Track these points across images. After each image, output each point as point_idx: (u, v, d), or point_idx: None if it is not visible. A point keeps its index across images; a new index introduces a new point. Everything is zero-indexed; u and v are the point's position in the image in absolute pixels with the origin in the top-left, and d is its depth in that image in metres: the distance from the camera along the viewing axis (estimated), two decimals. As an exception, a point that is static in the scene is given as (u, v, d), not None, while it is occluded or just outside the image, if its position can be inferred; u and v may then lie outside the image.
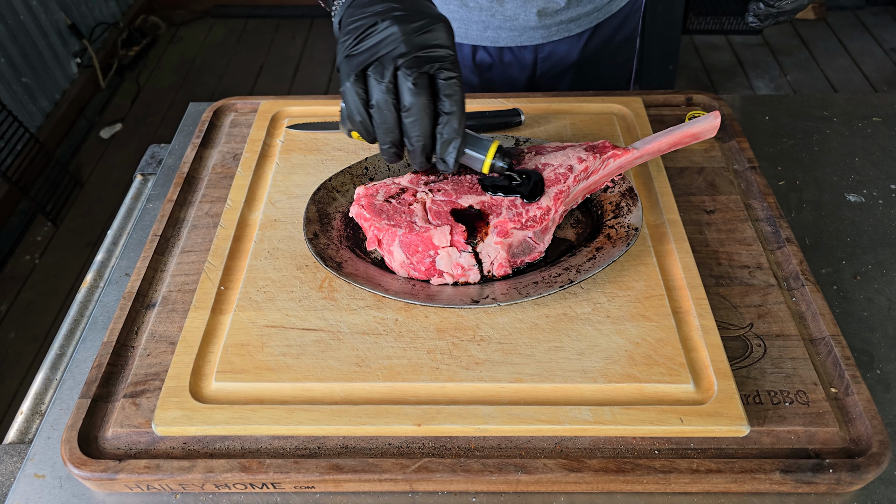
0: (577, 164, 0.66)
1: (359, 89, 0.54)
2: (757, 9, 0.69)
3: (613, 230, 0.67)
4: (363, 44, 0.54)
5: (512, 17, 0.93)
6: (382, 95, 0.53)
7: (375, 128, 0.56)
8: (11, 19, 2.34)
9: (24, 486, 0.56)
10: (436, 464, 0.54)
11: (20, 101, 2.38)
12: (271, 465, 0.54)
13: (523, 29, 0.95)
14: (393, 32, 0.53)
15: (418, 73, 0.53)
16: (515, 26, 0.94)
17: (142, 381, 0.60)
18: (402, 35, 0.53)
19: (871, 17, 3.03)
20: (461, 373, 0.58)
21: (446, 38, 0.55)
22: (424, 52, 0.53)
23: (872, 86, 2.65)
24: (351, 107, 0.55)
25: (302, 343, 0.60)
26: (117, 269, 0.74)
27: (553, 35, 0.96)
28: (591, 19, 0.97)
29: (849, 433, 0.56)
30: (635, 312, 0.62)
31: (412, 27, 0.53)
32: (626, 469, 0.53)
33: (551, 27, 0.95)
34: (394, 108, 0.54)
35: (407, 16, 0.54)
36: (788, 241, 0.70)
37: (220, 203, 0.76)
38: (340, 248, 0.68)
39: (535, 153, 0.69)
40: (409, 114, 0.54)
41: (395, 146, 0.57)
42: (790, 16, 0.68)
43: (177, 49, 3.09)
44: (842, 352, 0.60)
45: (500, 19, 0.93)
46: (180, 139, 0.89)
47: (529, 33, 0.95)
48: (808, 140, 0.88)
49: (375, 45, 0.54)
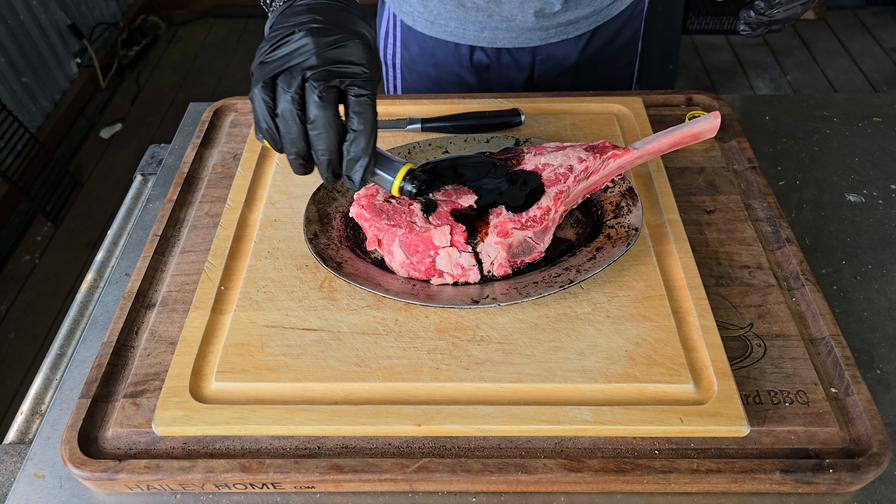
0: (577, 164, 0.66)
1: (266, 96, 0.53)
2: (748, 17, 0.68)
3: (613, 230, 0.67)
4: (277, 52, 0.54)
5: (509, 18, 0.93)
6: (287, 105, 0.53)
7: (281, 137, 0.55)
8: (11, 19, 2.34)
9: (24, 486, 0.56)
10: (436, 464, 0.54)
11: (20, 101, 2.38)
12: (271, 465, 0.54)
13: (521, 30, 0.94)
14: (306, 44, 0.53)
15: (325, 87, 0.52)
16: (513, 27, 0.94)
17: (142, 381, 0.60)
18: (314, 47, 0.53)
19: (871, 17, 3.03)
20: (461, 373, 0.58)
21: (362, 54, 0.54)
22: (335, 66, 0.53)
23: (872, 86, 2.66)
24: (258, 113, 0.54)
25: (302, 343, 0.61)
26: (117, 269, 0.74)
27: (551, 37, 0.96)
28: (590, 22, 0.96)
29: (849, 433, 0.56)
30: (635, 312, 0.62)
31: (326, 40, 0.53)
32: (626, 469, 0.53)
33: (549, 29, 0.95)
34: (299, 119, 0.53)
35: (323, 29, 0.54)
36: (788, 241, 0.70)
37: (220, 203, 0.76)
38: (340, 248, 0.68)
39: (534, 153, 0.69)
40: (314, 126, 0.53)
41: (301, 158, 0.56)
42: (783, 25, 0.67)
43: (177, 49, 3.09)
44: (842, 352, 0.60)
45: (498, 20, 0.93)
46: (180, 139, 0.89)
47: (527, 35, 0.95)
48: (808, 140, 0.88)
49: (288, 54, 0.53)
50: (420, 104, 0.87)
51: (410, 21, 0.99)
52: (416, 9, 0.97)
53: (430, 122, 0.83)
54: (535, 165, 0.67)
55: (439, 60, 1.01)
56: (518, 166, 0.68)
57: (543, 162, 0.67)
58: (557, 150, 0.68)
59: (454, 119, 0.83)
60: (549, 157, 0.67)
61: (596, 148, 0.68)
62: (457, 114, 0.83)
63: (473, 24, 0.95)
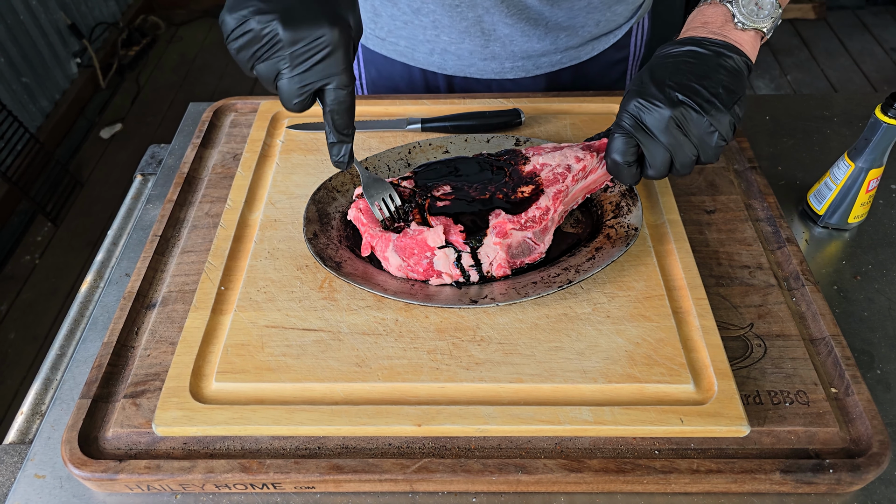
0: (574, 163, 0.66)
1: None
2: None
3: (613, 230, 0.67)
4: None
5: (457, 41, 0.87)
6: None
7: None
8: (11, 19, 2.34)
9: (25, 486, 0.56)
10: (436, 464, 0.54)
11: (20, 101, 2.38)
12: (271, 465, 0.54)
13: (470, 58, 0.89)
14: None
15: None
16: (461, 54, 0.88)
17: (142, 381, 0.60)
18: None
19: (871, 17, 3.03)
20: (461, 373, 0.58)
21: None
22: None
23: (872, 86, 2.66)
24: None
25: (302, 343, 0.61)
26: (117, 270, 0.74)
27: (507, 72, 0.91)
28: (553, 62, 0.91)
29: (849, 433, 0.56)
30: (635, 312, 0.62)
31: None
32: (626, 469, 0.53)
33: (504, 62, 0.89)
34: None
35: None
36: (788, 240, 0.70)
37: (220, 203, 0.76)
38: (340, 248, 0.68)
39: (533, 153, 0.69)
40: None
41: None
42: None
43: (177, 49, 3.09)
44: (842, 352, 0.60)
45: (446, 42, 0.87)
46: (180, 139, 0.89)
47: (479, 65, 0.90)
48: (808, 140, 0.88)
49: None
50: (420, 104, 0.87)
51: (363, 38, 0.94)
52: (368, 25, 0.92)
53: (430, 122, 0.83)
54: (534, 166, 0.67)
55: (396, 83, 0.96)
56: (516, 167, 0.68)
57: (542, 162, 0.67)
58: (555, 150, 0.68)
59: (454, 119, 0.83)
60: (547, 157, 0.67)
61: (593, 147, 0.68)
62: (457, 114, 0.83)
63: (423, 45, 0.89)
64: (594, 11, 0.87)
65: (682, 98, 0.56)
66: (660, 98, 0.56)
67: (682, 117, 0.56)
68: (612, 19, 0.90)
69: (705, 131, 0.56)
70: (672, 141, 0.57)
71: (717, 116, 0.56)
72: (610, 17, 0.89)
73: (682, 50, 0.60)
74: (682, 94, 0.56)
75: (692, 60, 0.58)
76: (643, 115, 0.57)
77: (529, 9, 0.83)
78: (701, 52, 0.59)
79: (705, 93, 0.56)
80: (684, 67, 0.58)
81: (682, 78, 0.57)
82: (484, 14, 0.83)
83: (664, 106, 0.56)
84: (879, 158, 0.71)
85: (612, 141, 0.61)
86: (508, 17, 0.83)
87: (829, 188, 0.75)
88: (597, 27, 0.89)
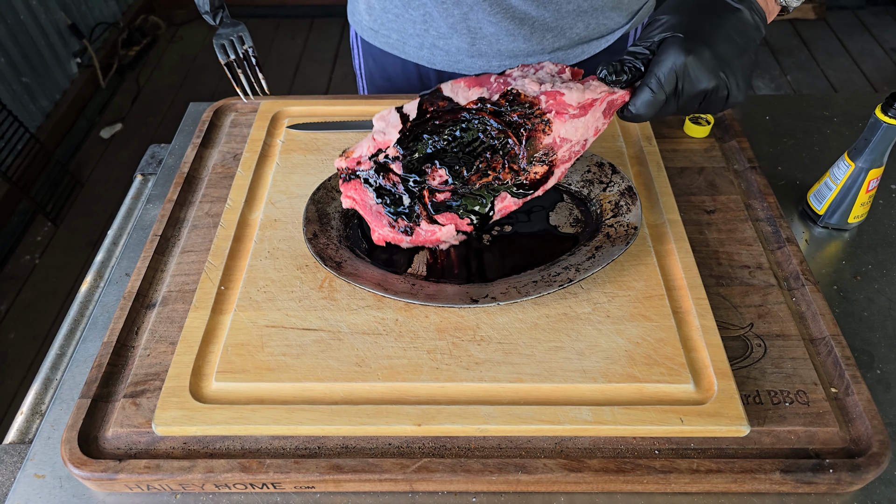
0: (592, 136, 0.62)
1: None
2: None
3: (613, 229, 0.67)
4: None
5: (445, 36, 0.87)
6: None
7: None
8: (11, 19, 2.34)
9: (25, 486, 0.56)
10: (436, 464, 0.54)
11: (20, 100, 2.38)
12: (271, 465, 0.54)
13: (458, 54, 0.89)
14: None
15: None
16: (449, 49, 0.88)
17: (142, 381, 0.60)
18: None
19: (871, 17, 3.03)
20: (461, 373, 0.58)
21: None
22: None
23: (872, 86, 2.65)
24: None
25: (302, 343, 0.61)
26: (117, 269, 0.74)
27: (495, 70, 0.90)
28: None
29: (849, 433, 0.56)
30: (635, 312, 0.62)
31: None
32: (626, 469, 0.53)
33: (491, 59, 0.89)
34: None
35: None
36: (788, 240, 0.70)
37: (220, 203, 0.76)
38: (340, 248, 0.68)
39: (554, 110, 0.61)
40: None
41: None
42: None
43: (177, 49, 3.09)
44: (842, 352, 0.60)
45: (434, 36, 0.88)
46: (180, 139, 0.89)
47: (466, 62, 0.89)
48: (808, 140, 0.88)
49: None
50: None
51: (359, 29, 0.96)
52: (363, 16, 0.93)
53: (430, 122, 0.83)
54: (554, 139, 0.61)
55: (391, 75, 0.97)
56: (533, 134, 0.61)
57: (562, 136, 0.61)
58: (580, 111, 0.61)
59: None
60: (569, 128, 0.61)
61: (615, 104, 0.62)
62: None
63: (413, 39, 0.90)
64: (583, 15, 0.86)
65: (723, 76, 0.58)
66: (707, 74, 0.57)
67: (714, 90, 0.58)
68: (605, 24, 0.89)
69: (723, 100, 0.60)
70: (695, 106, 0.60)
71: (738, 96, 0.59)
72: (602, 21, 0.89)
73: (733, 14, 0.59)
74: (723, 72, 0.58)
75: (735, 32, 0.59)
76: (685, 84, 0.58)
77: (514, 8, 0.83)
78: (747, 20, 0.59)
79: (741, 72, 0.58)
80: (733, 35, 0.58)
81: (728, 50, 0.58)
82: (469, 11, 0.84)
83: (708, 81, 0.57)
84: (879, 158, 0.71)
85: (642, 94, 0.59)
86: (492, 15, 0.84)
87: (829, 188, 0.75)
88: (586, 30, 0.89)
